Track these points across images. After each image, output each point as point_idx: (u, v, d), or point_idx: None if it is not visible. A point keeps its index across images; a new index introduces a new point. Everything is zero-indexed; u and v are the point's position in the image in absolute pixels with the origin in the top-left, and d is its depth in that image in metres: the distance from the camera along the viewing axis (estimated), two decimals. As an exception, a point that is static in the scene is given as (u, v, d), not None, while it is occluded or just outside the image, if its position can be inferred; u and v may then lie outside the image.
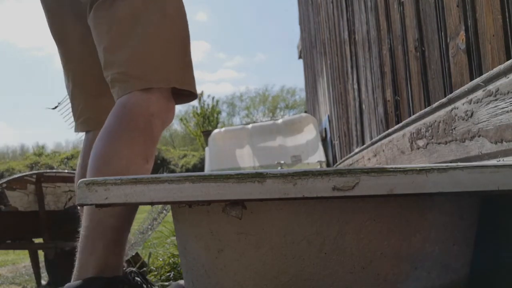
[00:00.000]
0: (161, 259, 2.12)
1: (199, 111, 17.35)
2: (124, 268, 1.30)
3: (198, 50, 49.40)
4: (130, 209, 1.08)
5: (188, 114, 24.53)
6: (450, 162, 0.96)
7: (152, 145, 1.11)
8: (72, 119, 1.42)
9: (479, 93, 0.81)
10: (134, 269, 1.32)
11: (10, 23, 53.47)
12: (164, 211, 2.98)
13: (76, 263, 1.05)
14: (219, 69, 51.26)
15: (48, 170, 3.23)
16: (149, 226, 2.92)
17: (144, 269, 1.94)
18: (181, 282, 1.48)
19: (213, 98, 17.67)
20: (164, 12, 1.15)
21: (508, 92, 0.72)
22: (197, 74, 1.25)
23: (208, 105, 17.43)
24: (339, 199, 0.62)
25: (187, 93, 1.20)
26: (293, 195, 0.58)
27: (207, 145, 5.27)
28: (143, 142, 1.08)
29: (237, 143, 4.82)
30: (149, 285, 1.33)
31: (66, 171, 2.54)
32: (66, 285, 1.02)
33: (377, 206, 0.64)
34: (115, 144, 1.07)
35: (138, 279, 1.30)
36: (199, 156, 18.83)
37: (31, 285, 2.36)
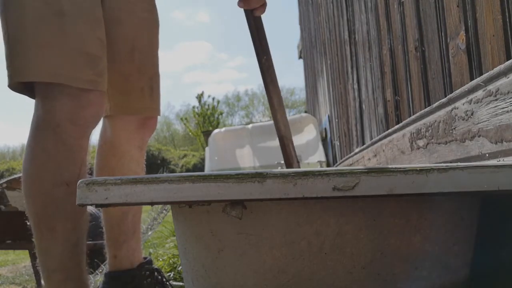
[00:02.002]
0: (161, 259, 2.12)
1: (199, 111, 17.34)
2: (146, 264, 1.35)
3: (200, 51, 49.39)
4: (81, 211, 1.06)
5: (188, 113, 24.57)
6: (450, 162, 0.96)
7: (71, 162, 1.05)
8: None
9: (479, 93, 0.81)
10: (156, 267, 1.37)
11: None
12: (164, 211, 2.99)
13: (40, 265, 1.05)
14: (221, 70, 51.28)
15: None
16: (149, 226, 2.92)
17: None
18: None
19: (213, 98, 17.66)
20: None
21: (508, 92, 0.72)
22: (199, 74, 1.20)
23: (208, 105, 17.42)
24: (339, 199, 0.62)
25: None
26: (293, 195, 0.58)
27: (207, 145, 5.27)
28: (57, 167, 1.03)
29: (237, 143, 4.82)
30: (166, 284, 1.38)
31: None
32: None
33: (377, 206, 0.64)
34: (33, 169, 1.04)
35: (160, 277, 1.35)
36: (199, 156, 18.82)
37: (31, 285, 2.36)
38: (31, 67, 1.04)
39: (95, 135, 1.28)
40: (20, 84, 1.07)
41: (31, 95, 1.10)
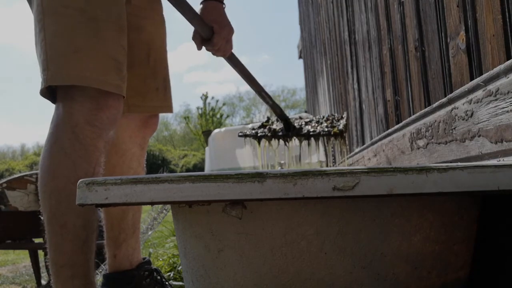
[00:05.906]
0: (161, 259, 2.12)
1: (202, 112, 17.46)
2: (145, 264, 1.36)
3: (203, 51, 49.29)
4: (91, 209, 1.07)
5: (187, 113, 24.58)
6: (450, 162, 0.96)
7: (86, 161, 1.07)
8: None
9: (479, 93, 0.81)
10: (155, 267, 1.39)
11: (16, 25, 53.51)
12: (164, 211, 2.99)
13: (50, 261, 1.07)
14: (223, 69, 51.28)
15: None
16: (149, 226, 2.92)
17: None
18: None
19: (217, 101, 17.80)
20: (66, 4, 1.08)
21: (508, 92, 0.72)
22: (200, 74, 1.23)
23: (212, 106, 17.54)
24: (339, 199, 0.62)
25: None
26: (293, 195, 0.58)
27: (207, 145, 5.27)
28: (72, 165, 1.05)
29: (237, 143, 4.81)
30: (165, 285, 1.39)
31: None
32: None
33: (377, 206, 0.64)
34: (50, 166, 1.07)
35: (159, 277, 1.36)
36: (199, 156, 18.85)
37: (31, 285, 2.36)
38: (65, 72, 1.07)
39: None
40: (46, 88, 1.10)
41: (53, 100, 1.13)
